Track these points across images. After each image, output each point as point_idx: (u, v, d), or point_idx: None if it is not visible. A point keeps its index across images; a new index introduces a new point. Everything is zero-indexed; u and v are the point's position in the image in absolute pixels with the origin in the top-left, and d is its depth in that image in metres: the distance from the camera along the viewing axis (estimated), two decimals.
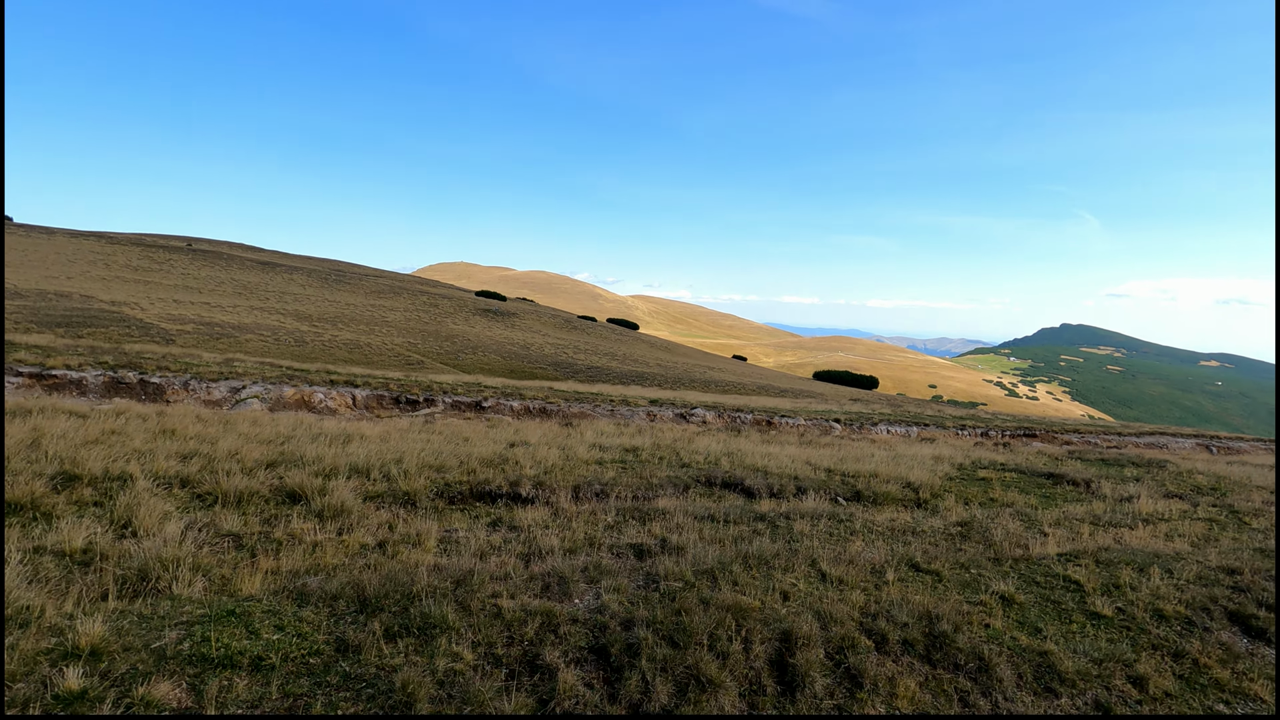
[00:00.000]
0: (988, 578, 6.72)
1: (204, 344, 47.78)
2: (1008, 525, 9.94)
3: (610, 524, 7.29)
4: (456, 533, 6.43)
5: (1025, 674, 4.76)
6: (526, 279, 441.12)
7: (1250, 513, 13.12)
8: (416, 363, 59.16)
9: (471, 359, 67.37)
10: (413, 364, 57.61)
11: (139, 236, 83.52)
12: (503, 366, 65.53)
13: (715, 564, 5.45)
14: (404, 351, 64.12)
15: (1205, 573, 7.62)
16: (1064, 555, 7.92)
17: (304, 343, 55.75)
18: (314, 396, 19.97)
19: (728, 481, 11.48)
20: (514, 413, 22.76)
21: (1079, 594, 6.63)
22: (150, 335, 46.80)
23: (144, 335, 46.48)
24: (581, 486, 9.59)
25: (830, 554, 6.69)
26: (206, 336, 50.26)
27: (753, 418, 28.86)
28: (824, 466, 13.95)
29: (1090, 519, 11.01)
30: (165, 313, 55.51)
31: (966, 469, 15.82)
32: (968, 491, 13.27)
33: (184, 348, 43.83)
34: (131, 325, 48.52)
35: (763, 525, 8.00)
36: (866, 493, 12.09)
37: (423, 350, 67.03)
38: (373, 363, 53.30)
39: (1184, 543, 9.79)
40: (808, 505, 9.95)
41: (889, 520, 9.38)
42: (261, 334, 54.94)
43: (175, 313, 56.27)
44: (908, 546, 7.65)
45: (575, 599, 4.62)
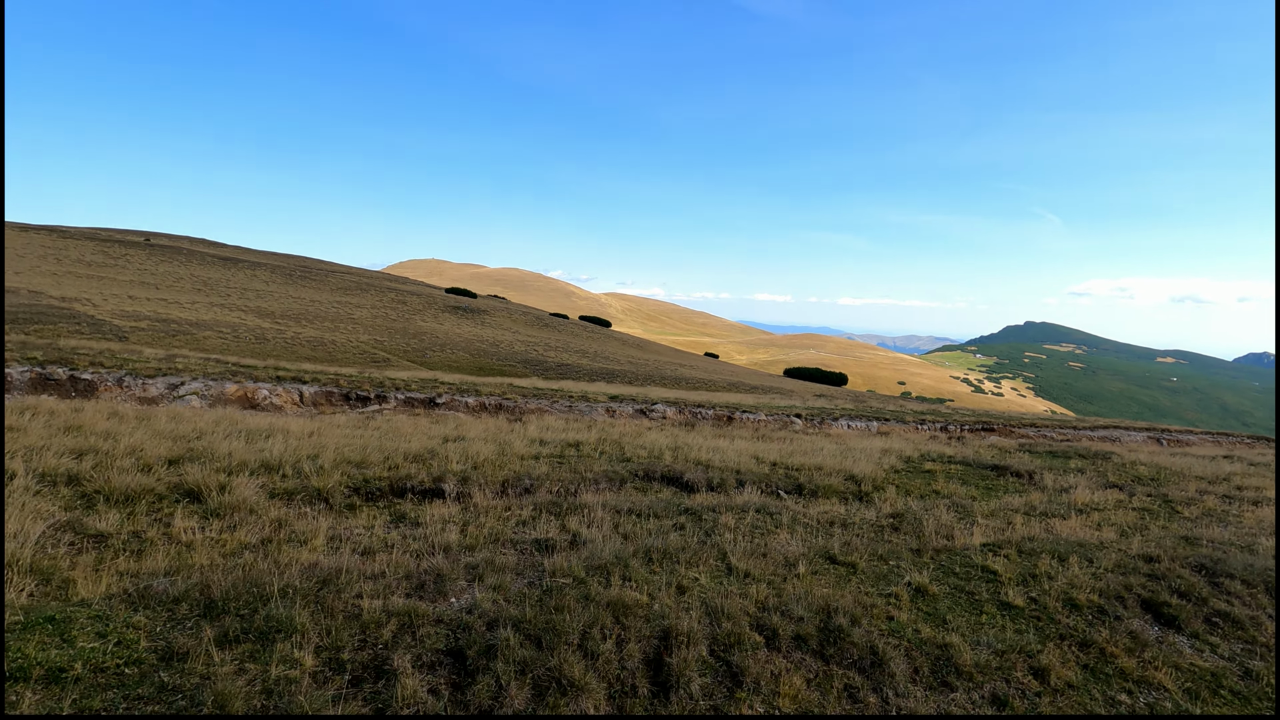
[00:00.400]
0: (905, 569, 6.57)
1: (159, 341, 46.36)
2: (941, 516, 9.87)
3: (524, 519, 7.00)
4: (352, 530, 6.10)
5: (922, 668, 4.59)
6: (499, 276, 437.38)
7: (1183, 502, 13.28)
8: (382, 360, 58.09)
9: (439, 356, 66.42)
10: (378, 361, 56.55)
11: (94, 231, 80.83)
12: (471, 364, 64.72)
13: (612, 559, 5.20)
14: (370, 349, 62.93)
15: (1125, 561, 7.58)
16: (988, 545, 7.82)
17: (265, 340, 54.40)
18: (258, 393, 19.33)
19: (667, 475, 11.25)
20: (469, 409, 22.32)
21: (995, 584, 6.52)
22: (102, 332, 45.23)
23: (95, 332, 44.91)
24: (510, 482, 9.29)
25: (747, 547, 6.48)
26: (162, 334, 48.76)
27: (714, 413, 28.73)
28: (770, 460, 13.81)
29: (1025, 509, 11.01)
30: (119, 309, 53.75)
31: (914, 462, 15.82)
32: (911, 484, 13.22)
33: (137, 345, 42.48)
34: (82, 322, 46.86)
35: (688, 519, 7.78)
36: (808, 486, 11.97)
37: (389, 348, 65.87)
38: (337, 360, 52.23)
39: (1112, 532, 9.81)
40: (742, 498, 9.77)
41: (821, 513, 9.23)
42: (220, 331, 53.49)
43: (130, 309, 54.52)
44: (830, 539, 7.50)
45: (451, 598, 4.34)
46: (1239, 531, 10.67)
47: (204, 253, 78.03)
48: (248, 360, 25.12)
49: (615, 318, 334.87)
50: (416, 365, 57.54)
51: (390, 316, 79.74)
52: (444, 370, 54.71)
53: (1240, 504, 13.98)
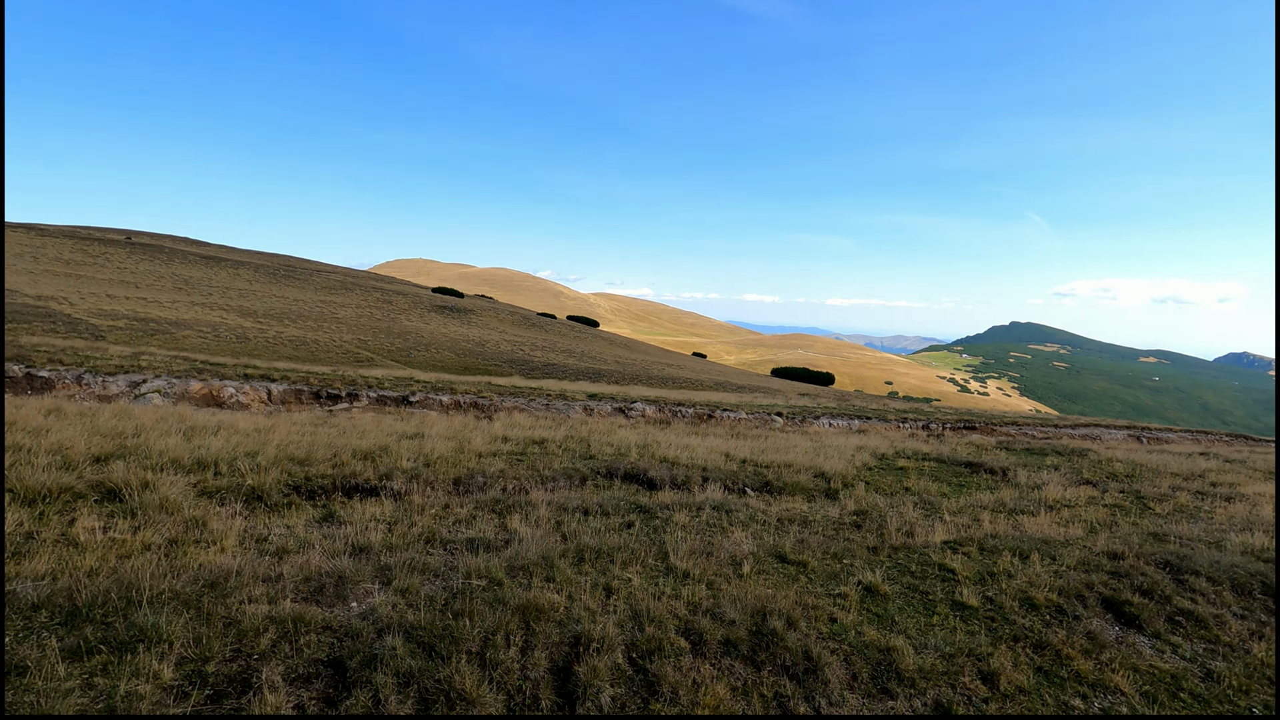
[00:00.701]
0: (859, 568, 6.28)
1: (137, 340, 45.63)
2: (906, 513, 9.60)
3: (464, 518, 6.66)
4: (271, 530, 5.73)
5: (861, 673, 4.29)
6: (487, 276, 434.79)
7: (1155, 498, 13.10)
8: (366, 360, 57.43)
9: (424, 356, 65.83)
10: (362, 361, 55.90)
11: (73, 229, 79.53)
12: (457, 364, 64.16)
13: (538, 559, 4.87)
14: (353, 348, 62.23)
15: (1088, 558, 7.33)
16: (949, 543, 7.55)
17: (246, 339, 53.65)
18: (224, 391, 18.85)
19: (630, 473, 10.92)
20: (443, 407, 21.91)
21: (952, 583, 6.24)
22: (78, 331, 44.39)
23: (71, 331, 44.06)
24: (463, 479, 8.93)
25: (693, 546, 6.17)
26: (140, 333, 47.96)
27: (694, 412, 28.43)
28: (741, 457, 13.51)
29: (994, 506, 10.77)
30: (96, 308, 52.85)
31: (888, 459, 15.58)
32: (882, 481, 12.97)
33: (113, 344, 41.72)
34: (58, 320, 45.99)
35: (639, 517, 7.45)
36: (776, 483, 11.67)
37: (373, 347, 65.18)
38: (320, 360, 51.57)
39: (1080, 528, 9.57)
40: (703, 496, 9.46)
41: (784, 510, 8.94)
42: (200, 330, 52.70)
43: (108, 308, 53.60)
44: (785, 537, 7.20)
45: (353, 602, 4.00)
46: (1209, 528, 10.47)
47: (186, 251, 76.97)
48: (218, 358, 24.59)
49: (604, 318, 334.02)
50: (401, 365, 56.95)
51: (375, 316, 79.01)
52: (429, 370, 54.16)
53: (1213, 500, 13.82)
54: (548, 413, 23.20)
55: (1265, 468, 22.16)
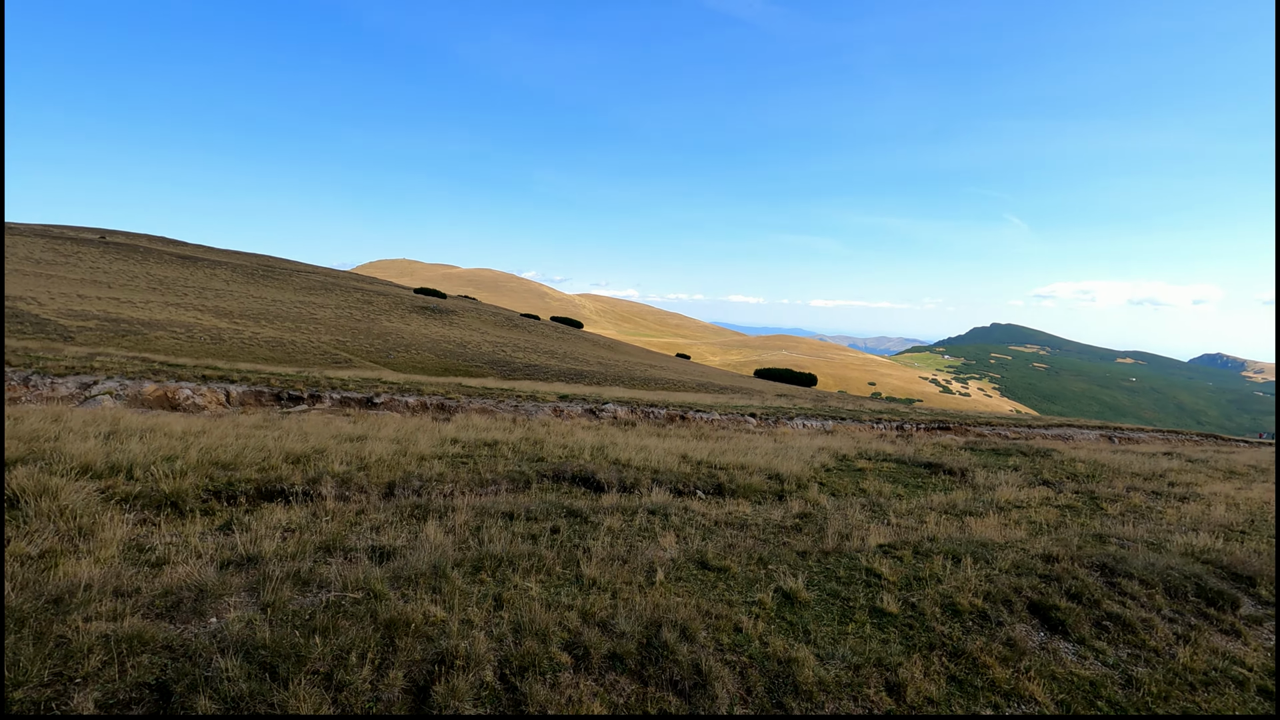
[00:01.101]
0: (783, 573, 6.09)
1: (108, 341, 44.80)
2: (852, 516, 9.46)
3: (378, 524, 6.39)
4: (162, 538, 5.44)
5: (756, 687, 4.09)
6: (471, 276, 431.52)
7: (1109, 498, 13.07)
8: (344, 361, 56.73)
9: (403, 357, 65.19)
10: (339, 362, 55.20)
11: (45, 228, 77.99)
12: (436, 365, 63.59)
13: (427, 569, 4.63)
14: (331, 350, 61.43)
15: (1023, 561, 7.20)
16: (885, 546, 7.40)
17: (221, 340, 52.82)
18: (179, 393, 18.40)
19: (579, 475, 10.69)
20: (409, 409, 21.57)
21: (876, 589, 6.07)
22: (46, 332, 43.44)
23: (39, 332, 43.11)
24: (398, 483, 8.66)
25: (612, 553, 5.96)
26: (111, 333, 47.04)
27: (666, 413, 28.26)
28: (698, 459, 13.32)
29: (944, 508, 10.65)
30: (66, 308, 51.79)
31: (848, 460, 15.46)
32: (838, 482, 12.83)
33: (82, 345, 40.92)
34: (25, 321, 45.00)
35: (569, 522, 7.22)
36: (729, 485, 11.50)
37: (351, 348, 64.40)
38: (295, 361, 50.86)
39: (1025, 530, 9.47)
40: (647, 499, 9.25)
41: (726, 513, 8.75)
42: (174, 331, 51.78)
43: (78, 308, 52.55)
44: (714, 542, 7.00)
45: (212, 618, 3.74)
46: (1156, 528, 10.42)
47: (162, 251, 75.72)
48: (180, 360, 24.06)
49: (589, 319, 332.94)
50: (379, 366, 56.33)
51: (355, 317, 78.19)
52: (409, 371, 53.61)
53: (1168, 500, 13.83)
54: (515, 414, 22.93)
55: (1226, 467, 22.35)
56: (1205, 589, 7.18)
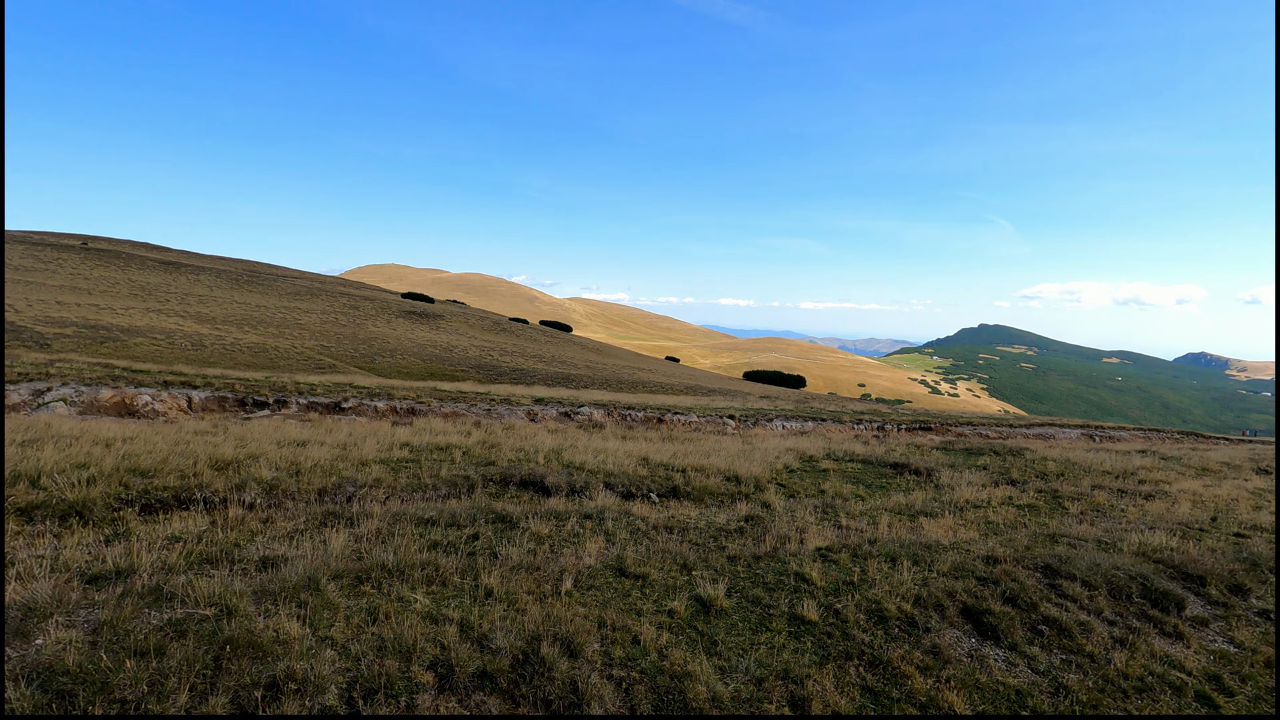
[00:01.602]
0: (706, 580, 5.80)
1: (85, 348, 44.10)
2: (802, 518, 9.18)
3: (284, 532, 6.06)
4: (22, 553, 5.10)
5: (640, 706, 3.79)
6: (460, 281, 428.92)
7: (1072, 496, 12.86)
8: (328, 366, 56.13)
9: (388, 362, 64.59)
10: (323, 368, 54.62)
11: (25, 234, 76.96)
12: (422, 369, 63.01)
13: (302, 580, 4.32)
14: (315, 355, 60.79)
15: (965, 563, 6.93)
16: (823, 549, 7.12)
17: (202, 346, 52.13)
18: (138, 399, 17.96)
19: (527, 479, 10.38)
20: (378, 413, 21.19)
21: (801, 595, 5.78)
22: (22, 339, 42.73)
23: (14, 339, 42.40)
24: (330, 490, 8.32)
25: (523, 561, 5.65)
26: (89, 340, 46.33)
27: (644, 415, 27.96)
28: (659, 461, 13.03)
29: (901, 509, 10.39)
30: (43, 315, 51.01)
31: (814, 461, 15.20)
32: (798, 484, 12.57)
33: (58, 353, 40.20)
34: None
35: (495, 528, 6.91)
36: (684, 488, 11.21)
37: (336, 353, 63.75)
38: (278, 366, 50.25)
39: (975, 531, 9.22)
40: (590, 504, 8.95)
41: (668, 517, 8.45)
42: (154, 337, 51.06)
43: (56, 315, 51.78)
44: (645, 546, 6.70)
45: (38, 639, 3.42)
46: (1114, 527, 10.20)
47: (145, 257, 74.86)
48: (143, 365, 23.56)
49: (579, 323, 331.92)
50: (363, 371, 55.77)
51: (341, 322, 77.51)
52: (394, 376, 53.07)
53: (1133, 498, 13.65)
54: (487, 418, 22.59)
55: (1200, 464, 22.25)
56: (1151, 590, 6.94)
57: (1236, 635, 6.60)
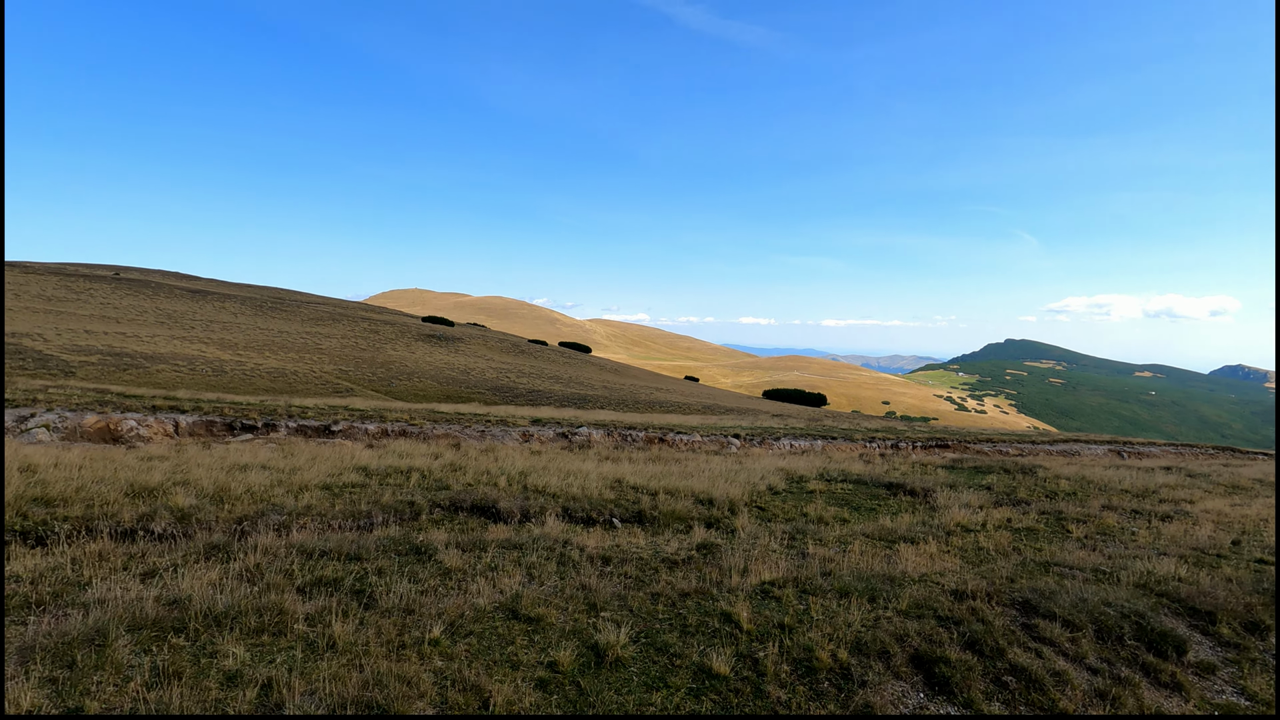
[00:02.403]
0: (613, 623, 5.03)
1: (107, 375, 44.78)
2: (766, 545, 8.33)
3: (145, 571, 5.43)
4: None
5: None
6: (482, 304, 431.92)
7: (1078, 519, 11.74)
8: (345, 390, 56.36)
9: (406, 385, 64.77)
10: (341, 391, 54.83)
11: (60, 266, 79.27)
12: (438, 392, 63.00)
13: (87, 634, 3.66)
14: (333, 379, 61.15)
15: (928, 599, 6.04)
16: (769, 583, 6.29)
17: (223, 372, 52.69)
18: (123, 425, 17.71)
19: (479, 505, 9.69)
20: (370, 435, 20.74)
21: (722, 640, 4.97)
22: (48, 367, 43.50)
23: (40, 367, 43.18)
24: (250, 518, 7.72)
25: (402, 601, 4.94)
26: (112, 368, 47.06)
27: (646, 435, 27.19)
28: (633, 484, 12.24)
29: (880, 534, 9.45)
30: (71, 343, 52.07)
31: (804, 481, 14.26)
32: (778, 506, 11.67)
33: (82, 380, 40.76)
34: (28, 357, 45.14)
35: (402, 561, 6.21)
36: (651, 512, 10.40)
37: (354, 377, 64.09)
38: (296, 391, 50.55)
39: (956, 559, 8.27)
40: (538, 531, 8.23)
41: (612, 546, 7.67)
42: (176, 364, 51.77)
43: (83, 343, 52.83)
44: (566, 580, 5.94)
45: None
46: (1120, 553, 9.15)
47: (173, 286, 76.51)
48: (137, 390, 23.50)
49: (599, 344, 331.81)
50: (381, 395, 55.87)
51: (360, 346, 78.19)
52: (411, 399, 53.02)
53: (1148, 519, 12.48)
54: (480, 439, 22.04)
55: (1230, 482, 20.77)
56: (1148, 630, 5.98)
57: (1249, 684, 5.61)
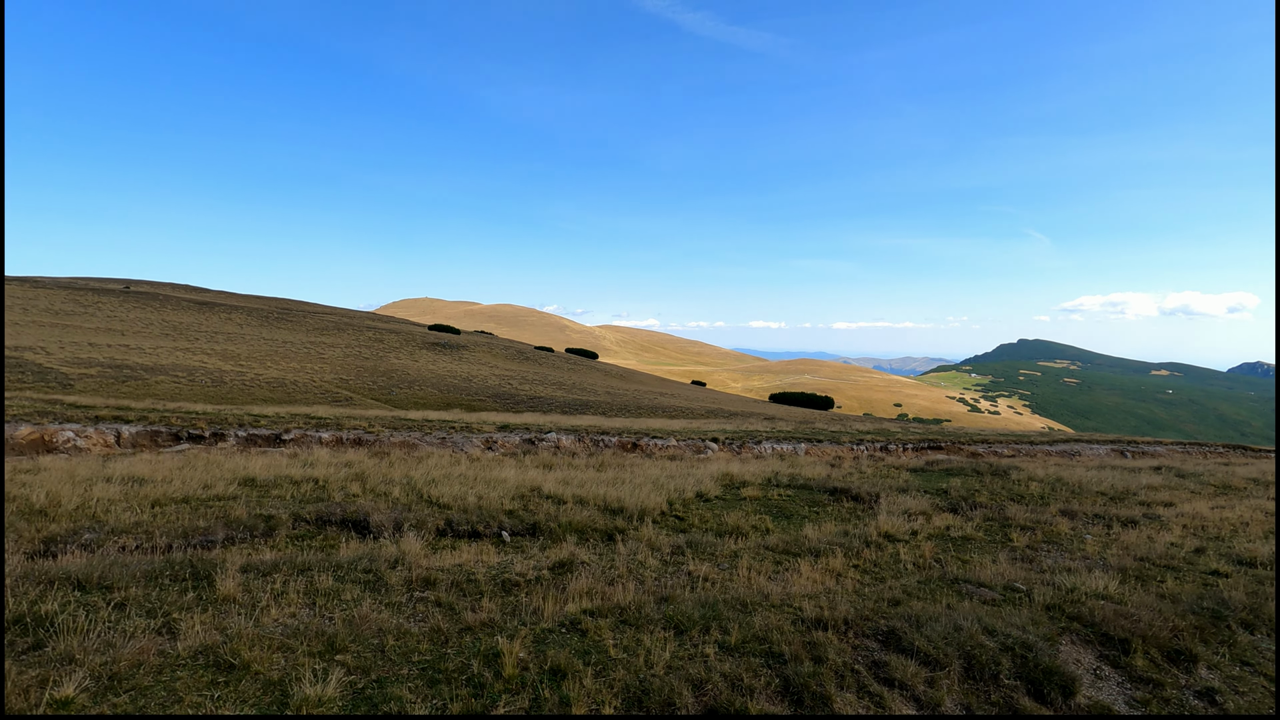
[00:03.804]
0: (341, 670, 4.07)
1: (105, 388, 44.68)
2: (644, 561, 7.33)
3: None
4: None
5: None
6: (492, 312, 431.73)
7: (1025, 526, 10.57)
8: (344, 399, 55.94)
9: (406, 393, 64.27)
10: (340, 400, 54.43)
11: (70, 280, 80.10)
12: (439, 399, 62.44)
13: None
14: (333, 388, 60.79)
15: (771, 630, 5.00)
16: (588, 612, 5.29)
17: (222, 383, 52.49)
18: (58, 435, 17.08)
19: (351, 519, 8.78)
20: (324, 444, 19.98)
21: (466, 691, 3.98)
22: (46, 380, 43.43)
23: (39, 380, 43.10)
24: (64, 537, 6.86)
25: (65, 649, 4.03)
26: (112, 380, 46.98)
27: (618, 440, 26.23)
28: (548, 493, 11.26)
29: (785, 547, 8.38)
30: (73, 356, 52.14)
31: (745, 486, 13.19)
32: (697, 515, 10.63)
33: (79, 393, 40.58)
34: (27, 370, 45.15)
35: (176, 588, 5.31)
36: (547, 524, 9.43)
37: (354, 386, 63.71)
38: (294, 400, 50.13)
39: (858, 576, 7.18)
40: (386, 547, 7.30)
41: (452, 565, 6.71)
42: (175, 375, 51.63)
43: (85, 356, 52.91)
44: (348, 610, 5.00)
45: None
46: (1053, 565, 8.00)
47: (180, 298, 76.93)
48: (88, 400, 22.93)
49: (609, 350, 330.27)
50: (381, 403, 55.41)
51: (364, 355, 78.00)
52: (410, 407, 52.49)
53: (1110, 525, 11.27)
54: (441, 446, 21.28)
55: (1222, 482, 19.37)
56: (1031, 666, 4.90)
57: None
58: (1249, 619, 6.55)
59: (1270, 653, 6.13)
